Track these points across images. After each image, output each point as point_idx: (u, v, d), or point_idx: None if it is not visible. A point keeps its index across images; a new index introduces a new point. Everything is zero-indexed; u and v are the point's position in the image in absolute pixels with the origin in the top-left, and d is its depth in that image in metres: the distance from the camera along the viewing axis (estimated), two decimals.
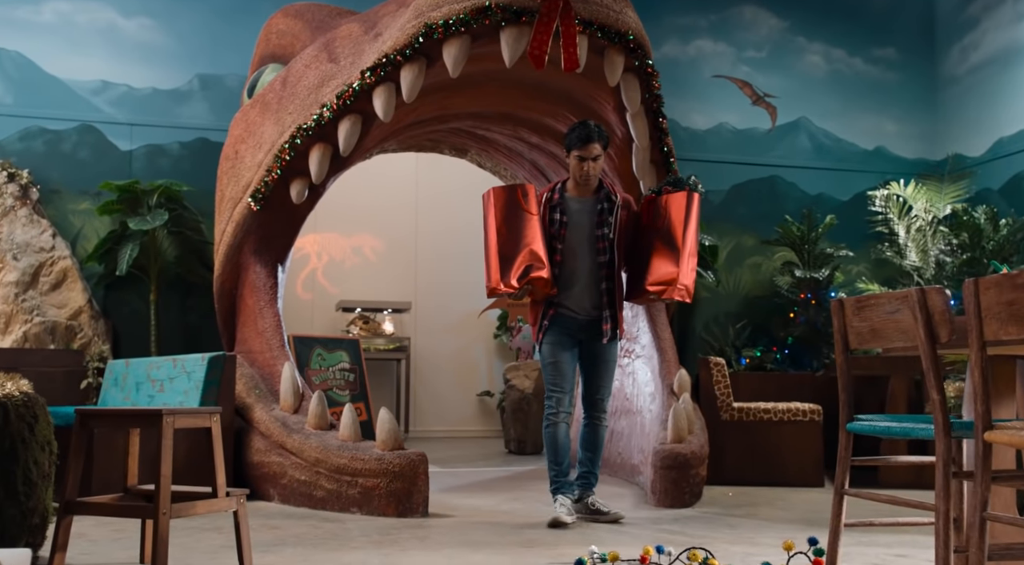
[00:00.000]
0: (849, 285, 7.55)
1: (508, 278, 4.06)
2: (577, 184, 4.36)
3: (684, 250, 4.12)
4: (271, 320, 5.55)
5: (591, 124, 4.26)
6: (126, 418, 2.92)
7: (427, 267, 9.32)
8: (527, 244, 4.08)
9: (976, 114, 7.84)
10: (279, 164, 5.31)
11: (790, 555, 2.86)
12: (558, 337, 4.29)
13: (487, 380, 9.27)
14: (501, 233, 4.11)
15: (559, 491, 4.28)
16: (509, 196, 4.18)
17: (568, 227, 4.28)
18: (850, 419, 2.82)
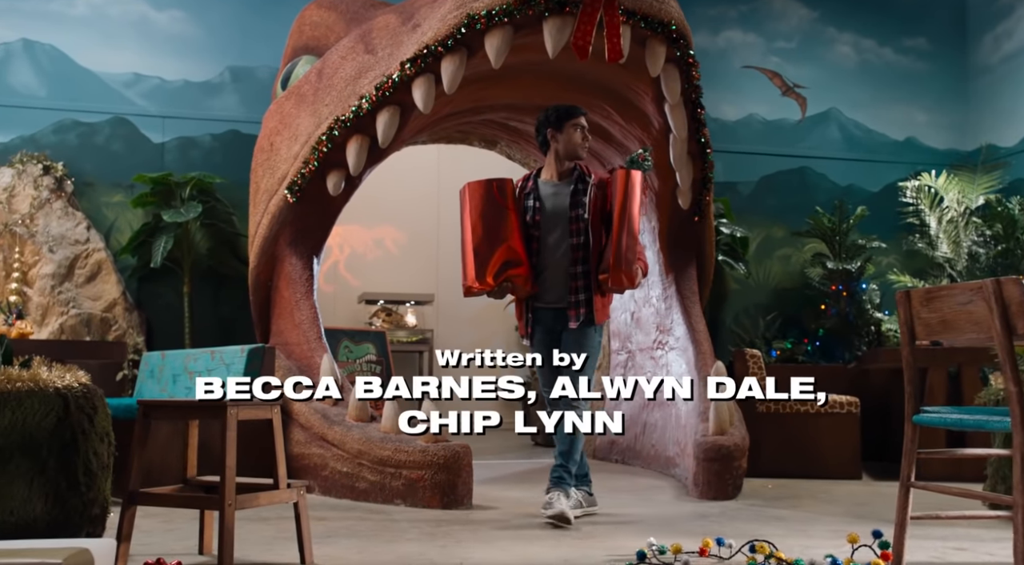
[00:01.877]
0: (880, 276, 7.51)
1: (484, 276, 3.96)
2: (554, 168, 4.24)
3: (614, 233, 3.87)
4: (308, 312, 5.55)
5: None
6: (189, 410, 2.92)
7: (449, 259, 9.29)
8: (503, 240, 3.97)
9: (1010, 104, 7.78)
10: (316, 156, 5.30)
11: (855, 548, 2.84)
12: (541, 336, 4.16)
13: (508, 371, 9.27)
14: (476, 230, 3.99)
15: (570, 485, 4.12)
16: (485, 191, 4.04)
17: (542, 212, 4.12)
18: (916, 411, 2.80)
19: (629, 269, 3.89)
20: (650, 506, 4.40)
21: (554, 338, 4.13)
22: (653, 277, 6.24)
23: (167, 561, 2.44)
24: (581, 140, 4.21)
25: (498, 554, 3.16)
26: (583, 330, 4.06)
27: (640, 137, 5.66)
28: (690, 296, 6.05)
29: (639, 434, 6.33)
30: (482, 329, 9.40)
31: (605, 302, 4.15)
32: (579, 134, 4.20)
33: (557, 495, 3.91)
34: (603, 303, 4.12)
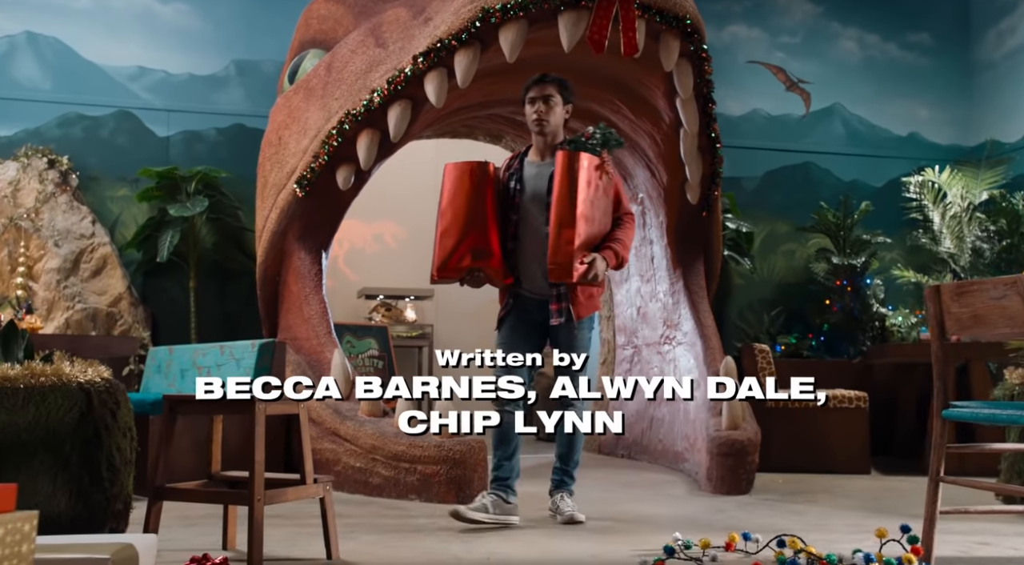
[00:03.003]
0: (884, 272, 7.53)
1: (445, 266, 3.72)
2: (537, 146, 3.93)
3: (552, 223, 3.55)
4: (317, 307, 5.53)
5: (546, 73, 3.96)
6: (216, 405, 2.90)
7: None
8: (475, 227, 3.70)
9: (1012, 100, 7.79)
10: (326, 150, 5.27)
11: (883, 542, 2.84)
12: (515, 322, 3.87)
13: None
14: (446, 214, 3.74)
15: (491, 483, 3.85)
16: (460, 173, 3.78)
17: (522, 195, 3.84)
18: (945, 406, 2.80)
19: (565, 262, 3.50)
20: (665, 501, 4.40)
21: (531, 328, 3.85)
22: (660, 272, 6.24)
23: (212, 557, 2.43)
24: (534, 113, 3.85)
25: (524, 549, 3.16)
26: (569, 327, 3.76)
27: (650, 132, 5.65)
28: (698, 291, 6.05)
29: (646, 429, 6.33)
30: (482, 325, 9.36)
31: (588, 294, 3.80)
32: (533, 108, 3.85)
33: (561, 497, 3.84)
34: (586, 295, 3.78)
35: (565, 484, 3.89)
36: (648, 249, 6.38)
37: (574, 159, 3.55)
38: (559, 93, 3.88)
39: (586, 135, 3.67)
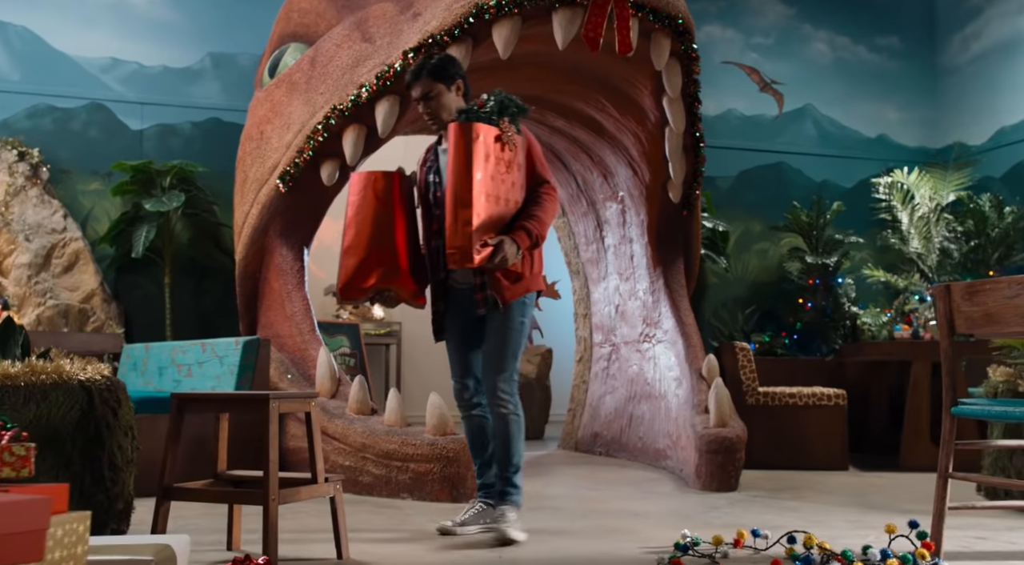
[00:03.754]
0: (854, 271, 7.64)
1: (348, 289, 3.38)
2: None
3: (447, 204, 3.17)
4: (300, 304, 5.47)
5: (423, 62, 3.52)
6: (225, 403, 2.85)
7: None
8: (381, 244, 3.36)
9: (978, 103, 7.96)
10: (311, 145, 5.21)
11: (891, 538, 2.88)
12: (452, 323, 3.58)
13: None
14: (349, 230, 3.39)
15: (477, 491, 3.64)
16: (365, 184, 3.43)
17: (442, 186, 3.47)
18: (954, 403, 2.85)
19: (463, 245, 3.09)
20: (656, 498, 4.42)
21: (471, 325, 3.52)
22: (640, 270, 6.27)
23: (254, 557, 2.38)
24: (425, 115, 3.48)
25: (534, 548, 3.15)
26: (496, 316, 3.40)
27: (634, 130, 5.67)
28: (678, 289, 6.09)
29: (625, 427, 6.35)
30: None
31: (516, 275, 3.39)
32: (420, 110, 3.50)
33: (503, 512, 3.37)
34: (511, 278, 3.38)
35: (508, 495, 3.40)
36: (628, 247, 6.40)
37: (467, 131, 3.12)
38: (438, 80, 3.44)
39: (479, 103, 3.25)
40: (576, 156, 6.45)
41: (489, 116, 3.18)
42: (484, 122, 3.16)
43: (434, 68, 3.45)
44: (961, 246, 7.34)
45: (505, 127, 3.21)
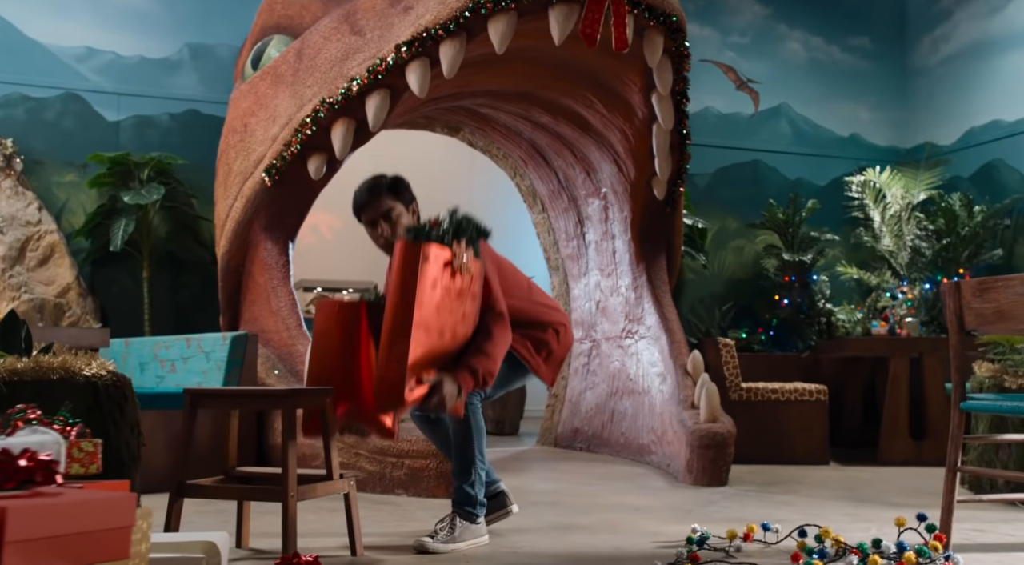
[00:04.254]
0: (828, 269, 7.74)
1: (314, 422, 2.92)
2: None
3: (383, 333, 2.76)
4: (286, 299, 5.42)
5: (376, 177, 3.28)
6: (240, 399, 2.81)
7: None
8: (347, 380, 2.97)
9: (947, 104, 8.11)
10: (299, 139, 5.16)
11: (901, 530, 2.93)
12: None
13: None
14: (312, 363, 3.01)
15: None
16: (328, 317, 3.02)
17: None
18: (963, 398, 2.90)
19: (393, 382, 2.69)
20: (651, 493, 4.44)
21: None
22: (623, 266, 6.30)
23: (304, 556, 2.35)
24: (381, 239, 3.21)
25: (549, 541, 3.15)
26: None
27: (621, 127, 5.69)
28: (661, 286, 6.13)
29: (606, 422, 6.38)
30: None
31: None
32: (376, 231, 3.22)
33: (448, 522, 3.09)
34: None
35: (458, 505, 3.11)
36: (610, 244, 6.43)
37: (413, 252, 2.74)
38: (398, 199, 3.21)
39: (432, 222, 2.90)
40: (559, 152, 6.46)
41: (442, 237, 2.83)
42: (437, 243, 2.81)
43: (394, 185, 3.20)
44: (932, 244, 7.47)
45: (458, 251, 2.85)
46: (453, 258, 2.82)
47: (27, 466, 1.31)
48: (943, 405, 5.84)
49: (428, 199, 9.30)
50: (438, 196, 8.91)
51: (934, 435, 5.83)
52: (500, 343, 2.99)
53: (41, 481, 1.30)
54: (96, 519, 1.23)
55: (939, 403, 5.85)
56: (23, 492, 1.25)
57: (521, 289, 3.23)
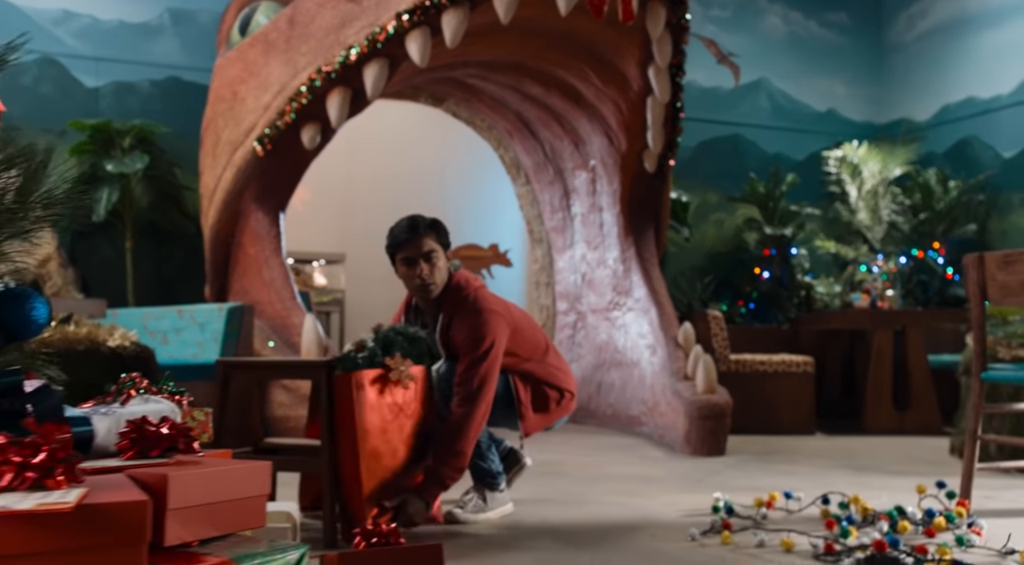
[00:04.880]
0: (807, 242, 7.84)
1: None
2: (425, 309, 3.13)
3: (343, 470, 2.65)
4: (279, 270, 5.37)
5: (416, 216, 3.10)
6: (276, 369, 2.77)
7: (357, 217, 8.99)
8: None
9: (922, 81, 8.22)
10: (294, 108, 5.08)
11: (921, 498, 3.00)
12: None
13: None
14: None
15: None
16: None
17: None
18: (983, 369, 2.96)
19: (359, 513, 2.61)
20: (653, 463, 4.49)
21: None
22: (610, 239, 6.32)
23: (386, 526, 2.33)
24: (417, 278, 3.01)
25: (574, 511, 3.16)
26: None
27: (615, 99, 5.69)
28: (650, 258, 6.17)
29: (593, 394, 6.42)
30: (394, 290, 9.22)
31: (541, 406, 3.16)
32: (414, 270, 3.01)
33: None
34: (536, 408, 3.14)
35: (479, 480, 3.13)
36: (597, 216, 6.44)
37: (346, 384, 2.64)
38: (438, 242, 3.05)
39: (358, 346, 2.74)
40: (547, 124, 6.44)
41: (371, 358, 2.69)
42: (364, 367, 2.67)
43: (434, 225, 3.07)
44: (909, 219, 7.60)
45: (394, 364, 2.72)
46: (390, 372, 2.71)
47: (171, 434, 1.28)
48: (925, 377, 5.97)
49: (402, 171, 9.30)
50: (412, 167, 8.89)
51: (916, 405, 5.95)
52: (474, 431, 2.86)
53: (183, 449, 1.28)
54: (239, 487, 1.22)
55: (921, 375, 5.98)
56: (168, 460, 1.23)
57: (538, 352, 3.18)
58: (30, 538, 0.91)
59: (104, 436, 1.31)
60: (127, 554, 0.96)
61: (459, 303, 2.99)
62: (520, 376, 3.10)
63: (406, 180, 8.79)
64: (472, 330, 2.92)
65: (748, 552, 2.54)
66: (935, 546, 2.38)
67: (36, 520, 0.91)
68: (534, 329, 3.21)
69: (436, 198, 8.76)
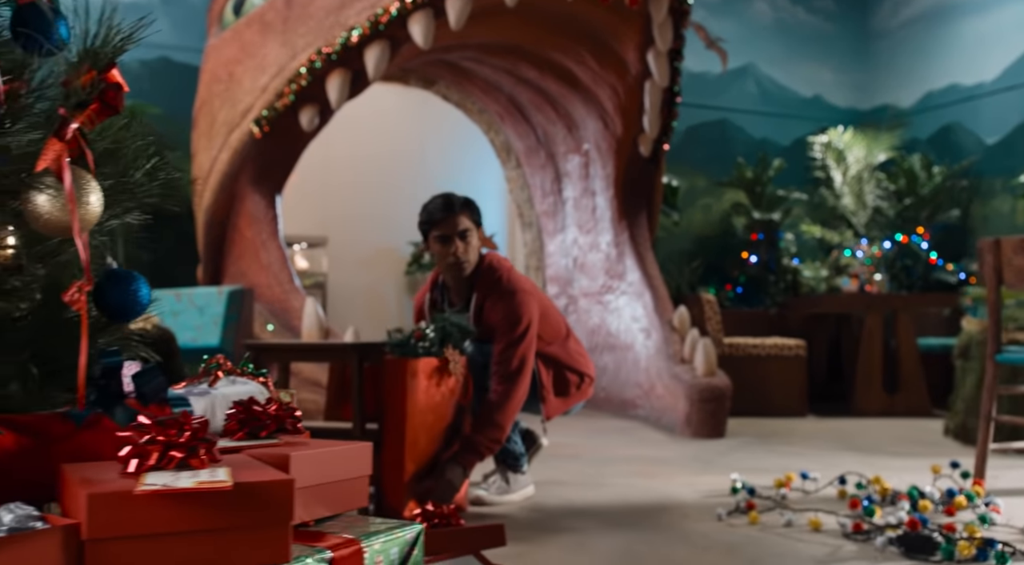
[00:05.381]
0: (794, 227, 7.92)
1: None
2: (454, 288, 3.12)
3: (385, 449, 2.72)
4: (276, 253, 5.34)
5: (450, 195, 3.09)
6: (309, 352, 2.77)
7: (337, 200, 8.92)
8: None
9: (907, 68, 8.31)
10: (293, 89, 5.05)
11: (936, 477, 3.06)
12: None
13: (397, 317, 9.18)
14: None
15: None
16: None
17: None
18: (997, 351, 3.02)
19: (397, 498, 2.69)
20: (657, 446, 4.53)
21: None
22: (603, 223, 6.34)
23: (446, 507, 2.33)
24: (451, 256, 3.01)
25: (590, 494, 3.19)
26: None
27: (612, 83, 5.70)
28: (643, 243, 6.21)
29: None
30: (376, 272, 9.25)
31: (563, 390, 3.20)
32: (448, 248, 3.01)
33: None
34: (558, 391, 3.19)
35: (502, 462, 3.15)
36: (590, 200, 6.46)
37: (400, 369, 2.71)
38: (471, 220, 3.06)
39: (416, 334, 2.80)
40: (540, 108, 6.44)
41: (429, 349, 2.78)
42: (424, 356, 2.76)
43: (468, 203, 3.08)
44: (893, 204, 7.70)
45: (450, 357, 2.82)
46: (446, 364, 2.80)
47: (279, 415, 1.28)
48: (915, 360, 6.06)
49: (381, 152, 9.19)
50: (390, 148, 8.83)
51: (905, 388, 6.05)
52: (514, 408, 2.92)
53: (290, 430, 1.28)
54: (347, 468, 1.22)
55: (911, 358, 6.07)
56: (276, 441, 1.23)
57: (560, 335, 3.21)
58: (187, 516, 0.92)
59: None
60: (274, 532, 0.96)
61: (493, 284, 3.01)
62: (542, 359, 3.12)
63: (385, 162, 8.75)
64: (509, 311, 2.95)
65: (777, 532, 2.58)
66: (962, 525, 2.43)
67: (193, 499, 0.92)
68: (556, 313, 3.24)
69: (417, 180, 8.73)
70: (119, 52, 1.25)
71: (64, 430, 1.16)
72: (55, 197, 1.15)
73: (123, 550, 0.90)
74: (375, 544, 1.10)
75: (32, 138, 1.18)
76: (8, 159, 1.17)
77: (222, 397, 1.40)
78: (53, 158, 1.14)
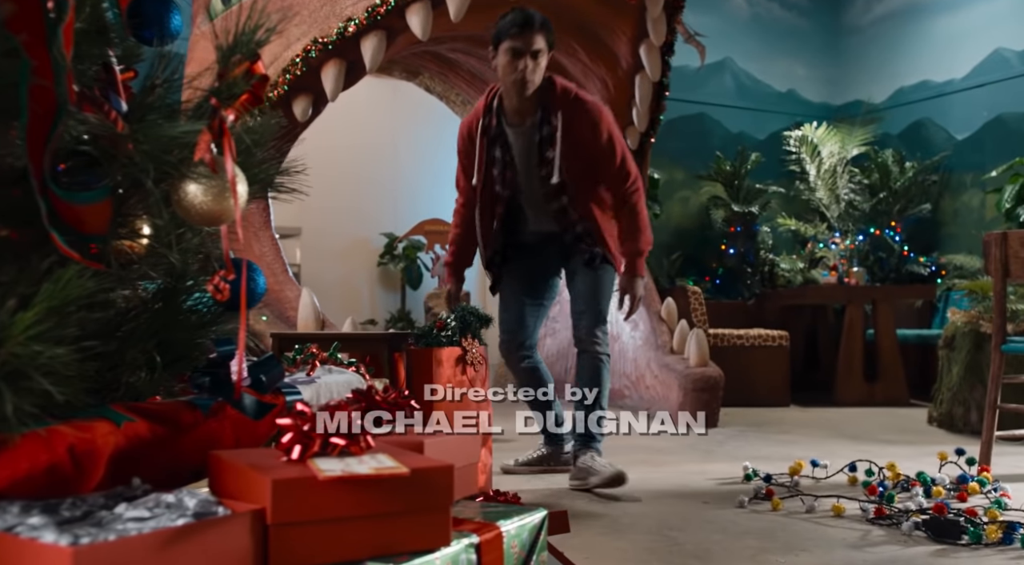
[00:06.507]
0: (771, 219, 8.03)
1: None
2: (514, 106, 3.10)
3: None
4: (270, 244, 5.30)
5: (530, 10, 3.10)
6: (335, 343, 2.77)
7: (313, 190, 8.91)
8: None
9: (878, 64, 8.46)
10: (287, 79, 5.01)
11: (942, 464, 3.14)
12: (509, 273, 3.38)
13: (370, 308, 9.18)
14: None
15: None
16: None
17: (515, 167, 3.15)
18: (1003, 341, 3.11)
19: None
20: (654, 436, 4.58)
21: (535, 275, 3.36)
22: None
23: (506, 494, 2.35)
24: (519, 73, 3.00)
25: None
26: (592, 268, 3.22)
27: (603, 77, 5.74)
28: None
29: (569, 368, 6.50)
30: (349, 264, 9.22)
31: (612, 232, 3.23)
32: (518, 62, 3.00)
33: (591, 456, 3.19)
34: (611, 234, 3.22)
35: (594, 440, 3.24)
36: None
37: (425, 359, 2.79)
38: (547, 42, 3.06)
39: (438, 325, 2.90)
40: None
41: (451, 338, 2.90)
42: (446, 345, 2.87)
43: (547, 25, 3.07)
44: (867, 198, 7.85)
45: (469, 347, 2.93)
46: (465, 353, 2.91)
47: (399, 403, 1.30)
48: (894, 350, 6.20)
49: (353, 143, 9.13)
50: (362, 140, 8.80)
51: (884, 378, 6.18)
52: (645, 214, 3.17)
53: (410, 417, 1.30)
54: (464, 454, 1.25)
55: (890, 348, 6.21)
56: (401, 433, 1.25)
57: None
58: (364, 501, 0.94)
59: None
60: (436, 517, 0.98)
61: (572, 101, 3.06)
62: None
63: (358, 153, 8.72)
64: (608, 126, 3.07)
65: (802, 517, 2.65)
66: (982, 509, 2.52)
67: (369, 485, 0.94)
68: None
69: (390, 172, 8.72)
70: (263, 44, 1.25)
71: (192, 418, 1.17)
72: (209, 187, 1.16)
73: (305, 534, 0.92)
74: (511, 528, 1.13)
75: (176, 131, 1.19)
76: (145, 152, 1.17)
77: (325, 386, 1.41)
78: (206, 149, 1.14)
